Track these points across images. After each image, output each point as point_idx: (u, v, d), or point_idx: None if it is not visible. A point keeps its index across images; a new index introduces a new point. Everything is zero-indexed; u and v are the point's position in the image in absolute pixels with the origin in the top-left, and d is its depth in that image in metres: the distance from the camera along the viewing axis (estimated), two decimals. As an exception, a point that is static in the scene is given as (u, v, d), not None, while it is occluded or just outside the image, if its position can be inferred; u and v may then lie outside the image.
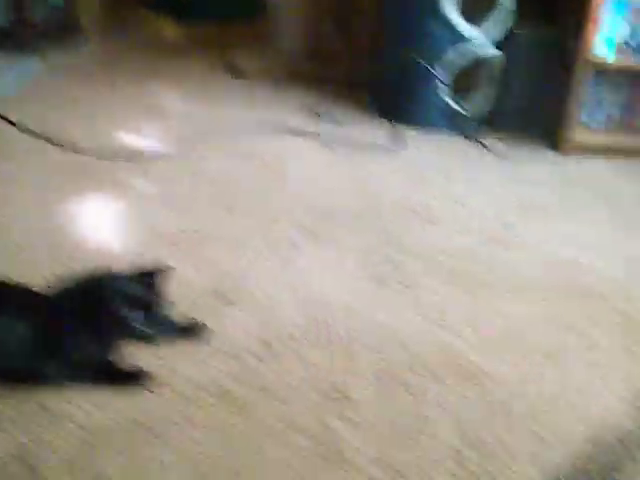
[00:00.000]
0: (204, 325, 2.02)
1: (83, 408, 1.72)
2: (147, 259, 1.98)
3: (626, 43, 3.51)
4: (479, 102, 3.65)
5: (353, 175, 3.11)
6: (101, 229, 2.56)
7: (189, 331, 2.00)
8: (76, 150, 3.05)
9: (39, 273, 2.02)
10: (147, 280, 1.87)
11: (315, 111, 3.69)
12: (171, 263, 1.98)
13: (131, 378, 1.82)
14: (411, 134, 3.56)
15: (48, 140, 3.11)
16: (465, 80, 3.58)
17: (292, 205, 2.81)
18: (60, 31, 4.37)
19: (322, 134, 3.44)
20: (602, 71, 3.55)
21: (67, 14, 4.46)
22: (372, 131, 3.56)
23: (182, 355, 1.93)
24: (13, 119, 3.19)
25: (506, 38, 3.57)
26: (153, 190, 2.84)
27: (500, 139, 3.61)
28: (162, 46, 4.55)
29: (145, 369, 1.84)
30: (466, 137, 3.60)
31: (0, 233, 2.46)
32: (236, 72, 4.15)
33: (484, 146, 3.53)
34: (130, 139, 3.28)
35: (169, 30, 4.69)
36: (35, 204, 2.67)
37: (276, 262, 2.43)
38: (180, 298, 2.05)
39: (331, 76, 4.11)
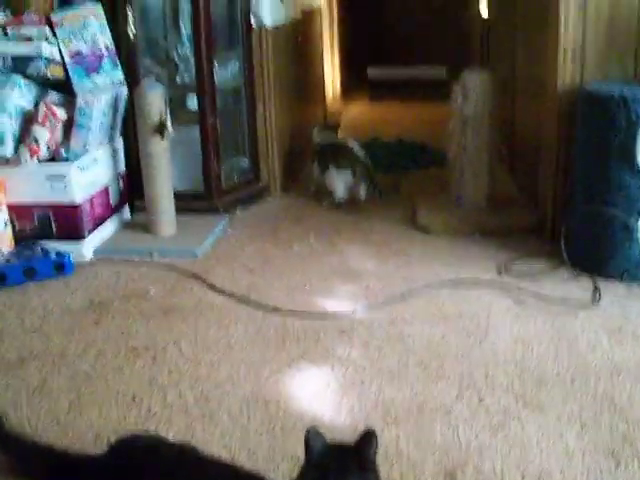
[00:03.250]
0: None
1: None
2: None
3: None
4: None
5: (552, 332, 2.98)
6: (313, 400, 2.54)
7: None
8: (274, 312, 3.15)
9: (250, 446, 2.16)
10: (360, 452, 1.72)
11: (504, 265, 3.60)
12: (388, 437, 2.05)
13: None
14: (609, 286, 3.38)
15: (247, 301, 3.25)
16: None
17: (498, 368, 2.71)
18: (245, 190, 4.64)
19: (514, 288, 3.34)
20: None
21: (251, 173, 4.72)
22: (565, 283, 3.42)
23: None
24: (208, 280, 3.44)
25: None
26: (358, 356, 2.81)
27: None
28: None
29: None
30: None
31: (210, 402, 2.51)
32: (420, 227, 4.13)
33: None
34: (325, 300, 3.30)
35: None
36: (244, 371, 2.71)
37: (496, 433, 2.34)
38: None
39: (515, 226, 4.04)
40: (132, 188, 4.39)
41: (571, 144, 3.57)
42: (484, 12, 7.22)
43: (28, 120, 3.84)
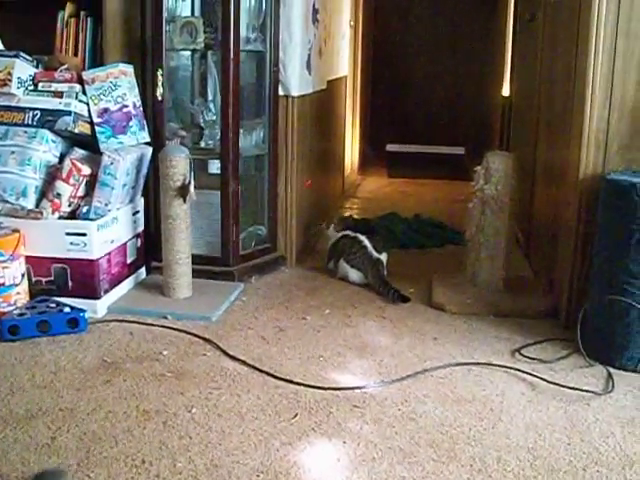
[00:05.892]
0: None
1: None
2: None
3: None
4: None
5: (565, 420, 2.94)
6: (323, 474, 2.52)
7: None
8: (287, 382, 3.16)
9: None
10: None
11: (517, 349, 3.59)
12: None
13: None
14: (623, 376, 3.35)
15: (259, 370, 3.27)
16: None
17: (510, 454, 2.67)
18: (262, 258, 4.68)
19: (527, 373, 3.32)
20: None
21: (268, 242, 4.78)
22: (579, 371, 3.39)
23: None
24: (221, 346, 3.50)
25: None
26: (370, 433, 2.78)
27: None
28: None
29: None
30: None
31: (219, 470, 2.49)
32: (435, 305, 4.15)
33: None
34: (338, 373, 3.30)
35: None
36: (255, 440, 2.70)
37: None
38: None
39: (530, 310, 4.04)
40: (149, 249, 4.43)
41: (590, 232, 3.58)
42: (505, 91, 7.32)
43: (52, 175, 3.90)
